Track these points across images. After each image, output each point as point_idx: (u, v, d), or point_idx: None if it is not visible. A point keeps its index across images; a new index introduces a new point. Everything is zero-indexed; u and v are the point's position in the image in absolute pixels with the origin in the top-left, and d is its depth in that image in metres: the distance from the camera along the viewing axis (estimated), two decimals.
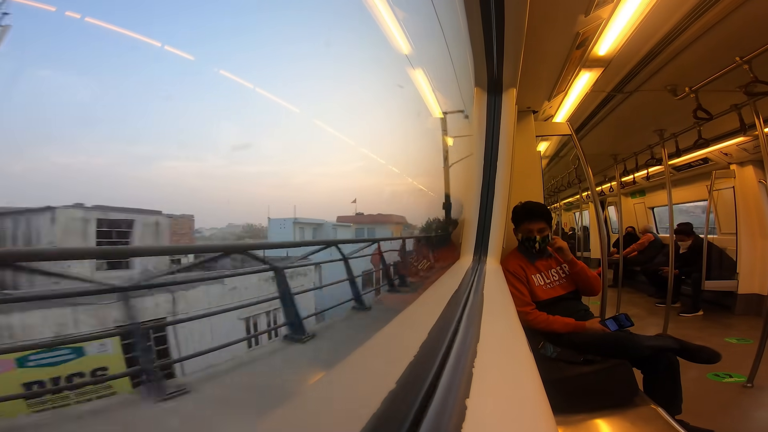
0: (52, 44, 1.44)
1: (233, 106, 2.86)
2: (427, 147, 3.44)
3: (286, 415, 0.47)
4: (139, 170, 2.06)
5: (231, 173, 3.26)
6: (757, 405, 2.67)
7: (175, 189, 2.24)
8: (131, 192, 1.98)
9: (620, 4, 1.99)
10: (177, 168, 2.36)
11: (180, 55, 1.85)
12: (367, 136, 5.39)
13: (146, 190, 2.09)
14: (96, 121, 1.81)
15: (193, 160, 2.48)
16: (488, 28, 1.49)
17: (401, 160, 4.53)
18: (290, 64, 4.25)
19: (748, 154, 4.68)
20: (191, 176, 2.49)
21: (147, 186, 2.10)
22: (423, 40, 2.22)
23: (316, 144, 4.30)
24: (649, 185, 7.03)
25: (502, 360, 0.67)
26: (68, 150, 1.77)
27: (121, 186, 1.91)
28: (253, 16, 3.37)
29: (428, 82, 2.45)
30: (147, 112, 2.14)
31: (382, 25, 1.88)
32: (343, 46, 4.36)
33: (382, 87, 4.18)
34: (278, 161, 4.32)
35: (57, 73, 1.60)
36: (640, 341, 1.91)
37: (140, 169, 2.08)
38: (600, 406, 1.72)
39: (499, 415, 0.46)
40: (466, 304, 0.93)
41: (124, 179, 1.93)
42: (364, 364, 0.64)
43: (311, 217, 4.07)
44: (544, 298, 2.13)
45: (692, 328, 4.38)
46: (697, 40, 2.38)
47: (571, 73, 2.63)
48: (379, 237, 4.46)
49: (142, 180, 2.07)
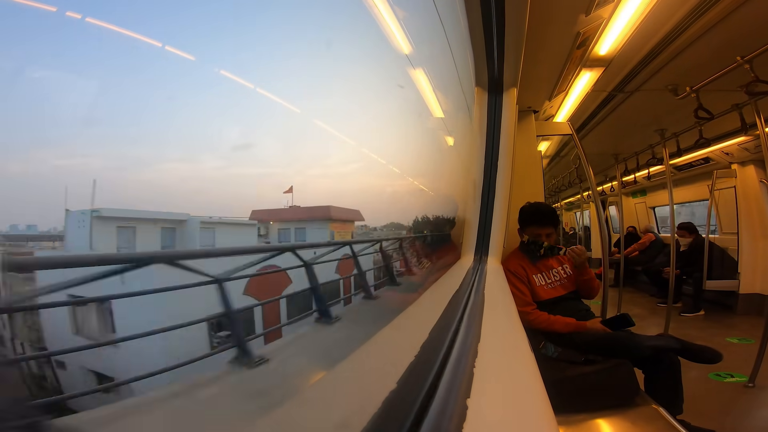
0: (50, 44, 1.45)
1: (232, 106, 2.85)
2: (426, 147, 3.44)
3: (286, 416, 0.47)
4: (137, 171, 2.07)
5: (233, 173, 3.20)
6: (758, 405, 2.67)
7: (177, 190, 2.25)
8: (130, 193, 1.99)
9: (621, 4, 1.99)
10: (177, 169, 2.37)
11: (180, 55, 1.86)
12: (366, 136, 5.43)
13: (145, 191, 2.10)
14: (89, 123, 1.82)
15: (189, 161, 2.49)
16: (489, 28, 1.49)
17: (401, 160, 4.52)
18: (289, 65, 4.28)
19: (750, 154, 4.67)
20: (190, 178, 2.49)
21: (146, 186, 2.11)
22: (424, 40, 2.22)
23: (315, 144, 4.31)
24: (650, 185, 7.01)
25: (503, 360, 0.67)
26: (68, 152, 1.78)
27: (119, 186, 1.93)
28: (252, 16, 3.39)
29: (429, 82, 2.45)
30: (142, 114, 2.15)
31: (383, 25, 1.88)
32: (344, 46, 4.39)
33: (382, 87, 4.19)
34: (278, 162, 4.30)
35: (53, 74, 1.60)
36: (642, 341, 1.91)
37: (138, 171, 2.09)
38: (601, 406, 1.72)
39: (500, 415, 0.46)
40: (467, 303, 0.93)
41: (121, 180, 1.95)
42: (364, 364, 0.64)
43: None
44: (545, 298, 2.12)
45: (694, 328, 4.37)
46: (698, 40, 2.38)
47: (571, 72, 2.62)
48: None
49: (142, 181, 2.08)
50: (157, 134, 2.99)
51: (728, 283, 4.88)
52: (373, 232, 4.71)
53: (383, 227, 4.35)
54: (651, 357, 1.86)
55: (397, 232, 4.87)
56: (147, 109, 2.82)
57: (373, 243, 3.95)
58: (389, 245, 3.98)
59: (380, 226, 4.53)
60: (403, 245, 4.03)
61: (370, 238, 4.67)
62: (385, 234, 4.58)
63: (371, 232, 4.72)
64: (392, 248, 4.05)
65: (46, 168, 1.82)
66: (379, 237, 4.59)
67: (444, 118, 2.88)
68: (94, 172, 2.46)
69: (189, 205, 3.79)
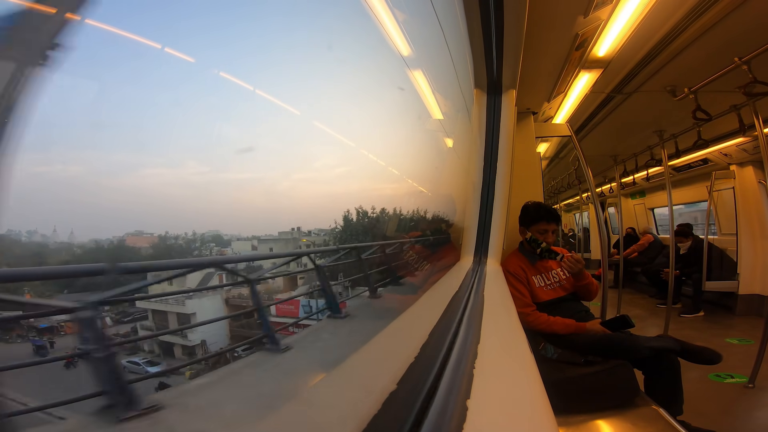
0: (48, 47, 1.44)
1: (221, 107, 2.84)
2: (425, 149, 3.42)
3: (286, 417, 0.46)
4: (115, 177, 2.06)
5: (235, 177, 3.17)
6: (758, 405, 2.67)
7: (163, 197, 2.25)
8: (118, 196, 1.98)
9: (619, 5, 1.99)
10: (160, 174, 2.37)
11: (180, 57, 1.85)
12: (364, 137, 5.41)
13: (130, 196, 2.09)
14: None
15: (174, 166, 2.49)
16: (488, 30, 1.49)
17: (399, 162, 4.40)
18: (285, 65, 4.25)
19: (748, 155, 4.68)
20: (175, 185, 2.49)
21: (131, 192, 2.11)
22: (423, 42, 2.22)
23: (307, 146, 4.23)
24: (649, 186, 7.03)
25: (502, 361, 0.67)
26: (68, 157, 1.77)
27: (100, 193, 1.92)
28: (249, 17, 3.38)
29: (428, 84, 2.45)
30: (121, 115, 2.15)
31: (382, 26, 1.88)
32: (342, 48, 4.35)
33: (381, 89, 4.15)
34: (267, 166, 4.20)
35: (49, 75, 1.60)
36: (641, 342, 1.91)
37: (117, 176, 2.08)
38: (601, 407, 1.72)
39: (500, 416, 0.46)
40: (467, 305, 0.93)
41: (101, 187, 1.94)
42: (364, 366, 0.64)
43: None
44: (544, 299, 2.12)
45: (693, 329, 4.37)
46: (696, 41, 2.38)
47: (570, 74, 2.63)
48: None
49: (123, 186, 2.07)
50: (135, 138, 2.99)
51: (727, 284, 4.88)
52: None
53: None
54: (651, 358, 1.85)
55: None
56: (124, 110, 2.78)
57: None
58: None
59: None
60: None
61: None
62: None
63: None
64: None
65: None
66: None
67: (443, 119, 2.89)
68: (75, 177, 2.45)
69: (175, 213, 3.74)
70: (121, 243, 2.44)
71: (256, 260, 2.79)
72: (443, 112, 2.80)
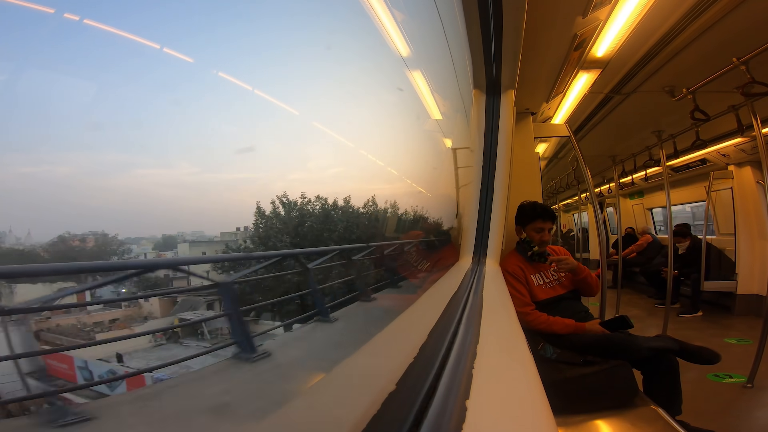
0: (47, 46, 1.44)
1: (217, 107, 2.82)
2: (424, 150, 3.42)
3: (285, 417, 0.46)
4: (106, 177, 2.04)
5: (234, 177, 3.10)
6: (757, 405, 2.67)
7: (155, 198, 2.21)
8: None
9: (618, 6, 2.00)
10: (153, 174, 2.33)
11: (179, 56, 1.85)
12: (364, 138, 5.38)
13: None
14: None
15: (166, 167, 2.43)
16: (486, 30, 1.49)
17: (398, 162, 4.36)
18: (282, 66, 4.20)
19: (746, 155, 4.69)
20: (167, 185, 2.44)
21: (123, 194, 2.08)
22: (422, 42, 2.22)
23: (302, 146, 4.16)
24: (647, 186, 7.04)
25: (502, 361, 0.67)
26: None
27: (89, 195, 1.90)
28: (246, 17, 3.35)
29: (426, 84, 2.46)
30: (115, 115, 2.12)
31: (380, 26, 1.88)
32: (340, 47, 4.32)
33: (380, 89, 4.12)
34: (261, 166, 4.09)
35: (45, 75, 1.59)
36: (640, 342, 1.91)
37: (109, 176, 2.05)
38: (600, 407, 1.72)
39: (499, 416, 0.46)
40: (466, 305, 0.93)
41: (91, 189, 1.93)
42: (363, 366, 0.64)
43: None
44: (543, 298, 2.12)
45: (692, 329, 4.38)
46: (695, 42, 2.39)
47: (569, 74, 2.63)
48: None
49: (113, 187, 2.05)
50: (128, 138, 2.97)
51: (726, 284, 4.89)
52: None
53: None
54: (650, 358, 1.86)
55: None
56: (119, 109, 2.76)
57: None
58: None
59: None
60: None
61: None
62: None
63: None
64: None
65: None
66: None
67: (441, 120, 2.89)
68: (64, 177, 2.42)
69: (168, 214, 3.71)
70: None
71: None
72: (442, 113, 2.80)
